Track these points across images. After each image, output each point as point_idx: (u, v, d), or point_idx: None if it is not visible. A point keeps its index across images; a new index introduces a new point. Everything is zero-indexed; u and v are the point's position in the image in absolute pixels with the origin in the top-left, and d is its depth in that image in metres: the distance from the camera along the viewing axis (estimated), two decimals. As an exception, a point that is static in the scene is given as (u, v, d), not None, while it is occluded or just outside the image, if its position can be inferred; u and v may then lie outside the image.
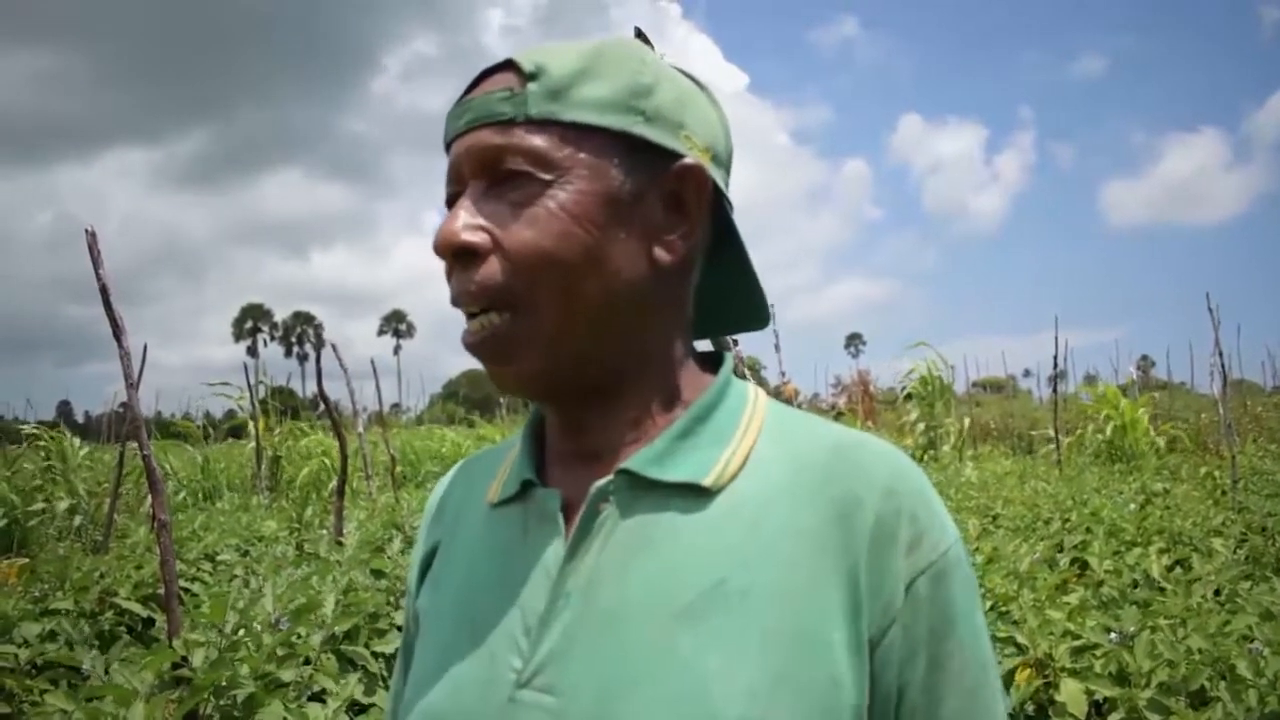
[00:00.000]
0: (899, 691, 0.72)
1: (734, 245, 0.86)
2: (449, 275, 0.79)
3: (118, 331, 3.17)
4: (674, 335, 0.83)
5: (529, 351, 0.77)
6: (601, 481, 0.78)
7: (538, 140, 0.75)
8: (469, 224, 0.76)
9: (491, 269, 0.76)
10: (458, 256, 0.77)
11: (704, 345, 0.91)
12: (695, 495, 0.76)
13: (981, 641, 0.76)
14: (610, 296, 0.77)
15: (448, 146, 0.81)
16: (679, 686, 0.69)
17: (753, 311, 0.91)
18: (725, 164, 0.84)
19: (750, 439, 0.80)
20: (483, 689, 0.75)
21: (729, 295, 0.90)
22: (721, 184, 0.82)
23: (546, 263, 0.75)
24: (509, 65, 0.78)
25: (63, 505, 10.04)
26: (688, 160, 0.79)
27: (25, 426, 12.41)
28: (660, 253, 0.79)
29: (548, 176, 0.75)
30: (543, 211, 0.75)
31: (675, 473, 0.77)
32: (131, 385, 3.24)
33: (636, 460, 0.77)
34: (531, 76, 0.76)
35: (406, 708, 0.82)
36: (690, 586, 0.73)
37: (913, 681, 0.73)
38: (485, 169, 0.77)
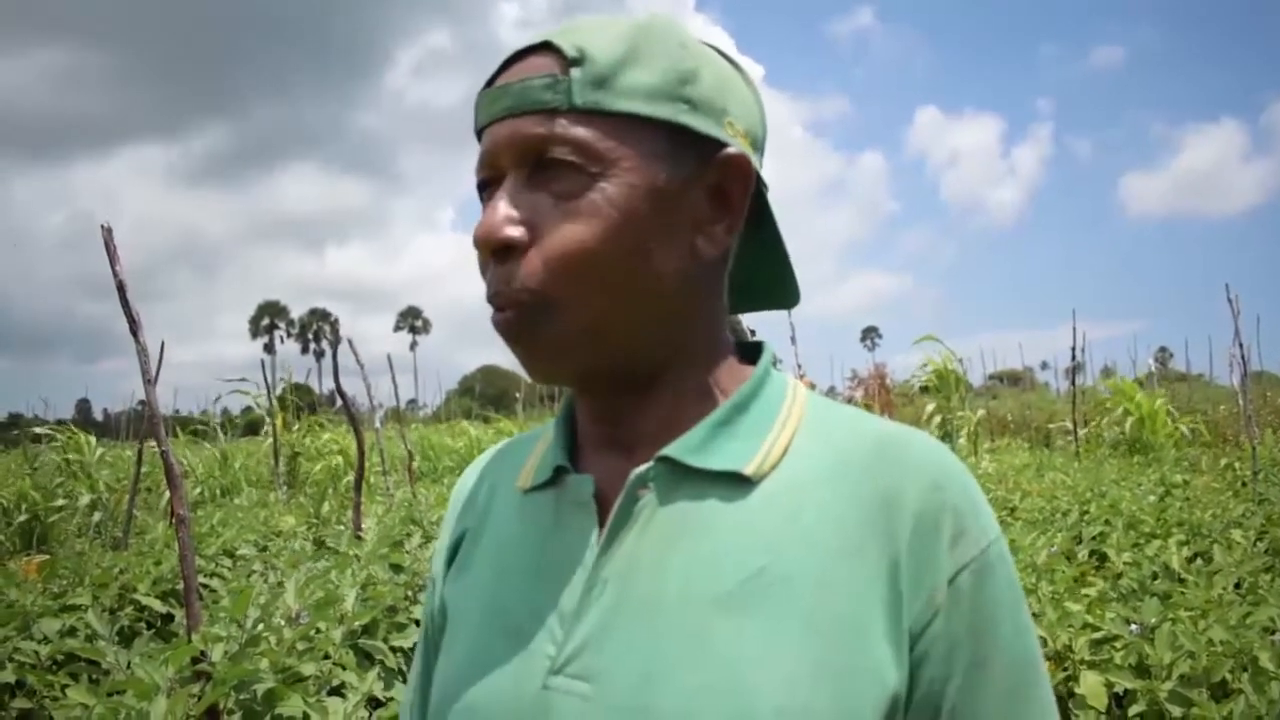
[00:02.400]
0: (940, 687, 0.71)
1: (767, 225, 0.84)
2: (484, 269, 0.77)
3: (135, 328, 3.18)
4: (713, 324, 0.82)
5: (567, 348, 0.76)
6: (641, 468, 0.77)
7: (584, 131, 0.73)
8: (510, 217, 0.74)
9: (531, 266, 0.74)
10: (496, 252, 0.75)
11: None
12: (735, 484, 0.75)
13: (1026, 641, 0.75)
14: (654, 291, 0.75)
15: (480, 131, 0.78)
16: (716, 675, 0.69)
17: (783, 290, 0.89)
18: (761, 147, 0.82)
19: (790, 429, 0.78)
20: (517, 675, 0.75)
21: (760, 274, 0.88)
22: (759, 167, 0.81)
23: (591, 260, 0.73)
24: (547, 47, 0.75)
25: (83, 502, 10.10)
26: (731, 150, 0.77)
27: (39, 428, 12.45)
28: (703, 244, 0.77)
29: (594, 169, 0.73)
30: (589, 206, 0.73)
31: (716, 461, 0.76)
32: (149, 381, 3.25)
33: (677, 447, 0.76)
34: (574, 62, 0.73)
35: (440, 696, 0.81)
36: (729, 575, 0.72)
37: (953, 678, 0.71)
38: (526, 159, 0.75)
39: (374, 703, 3.03)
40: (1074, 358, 12.96)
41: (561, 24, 0.77)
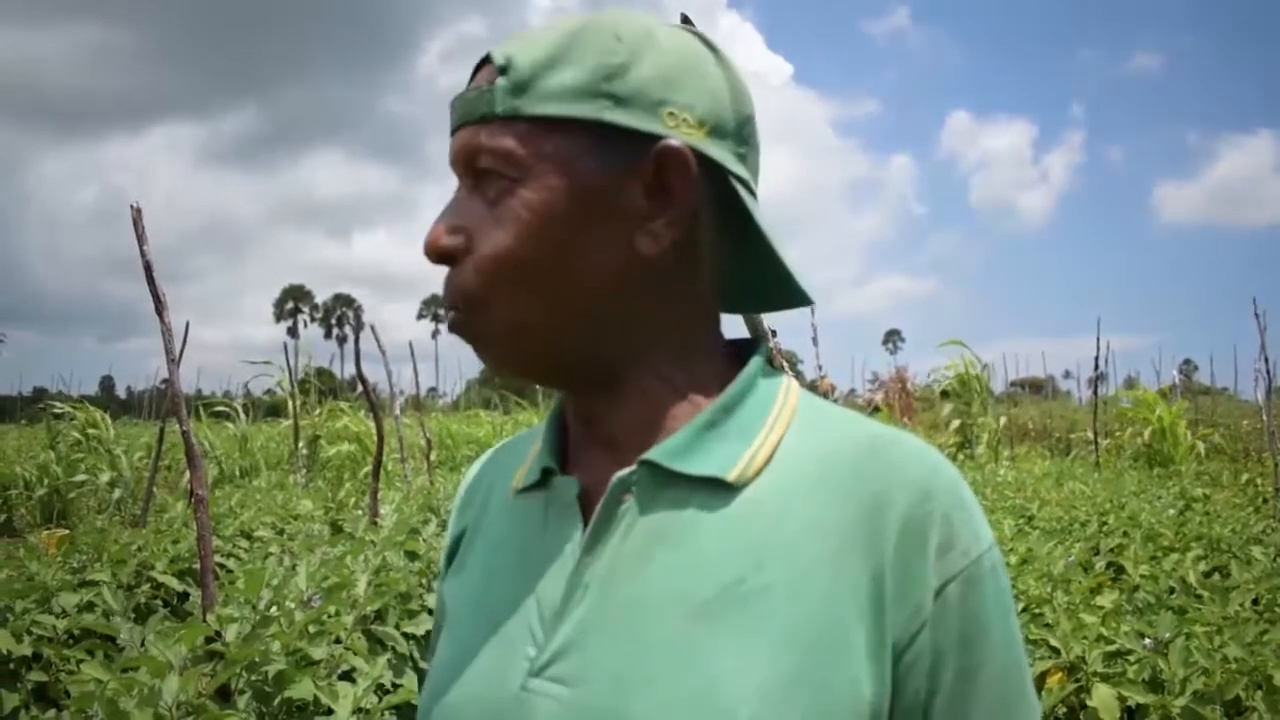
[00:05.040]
0: (926, 700, 0.70)
1: (753, 223, 0.80)
2: None
3: (160, 307, 3.20)
4: (679, 324, 0.80)
5: (500, 342, 0.78)
6: (624, 472, 0.76)
7: (504, 138, 0.74)
8: (449, 227, 0.77)
9: (465, 272, 0.77)
10: (440, 261, 0.78)
11: (741, 332, 0.89)
12: (718, 490, 0.75)
13: (1014, 652, 0.74)
14: (586, 289, 0.75)
15: None
16: (692, 684, 0.68)
17: (789, 290, 0.85)
18: (734, 134, 0.79)
19: (778, 432, 0.77)
20: (497, 677, 0.75)
21: (762, 273, 0.85)
22: (724, 158, 0.77)
23: (513, 263, 0.75)
24: (488, 59, 0.77)
25: (103, 478, 10.19)
26: (669, 142, 0.75)
27: (58, 404, 12.59)
28: (643, 241, 0.76)
29: (514, 174, 0.74)
30: (509, 212, 0.75)
31: (699, 466, 0.75)
32: (173, 361, 3.27)
33: (659, 451, 0.75)
34: (501, 71, 0.75)
35: (427, 692, 0.82)
36: (709, 583, 0.71)
37: (940, 690, 0.70)
38: (468, 168, 0.77)
39: (384, 689, 3.05)
40: (1097, 367, 12.89)
41: (510, 37, 0.79)
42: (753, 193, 0.81)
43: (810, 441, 0.77)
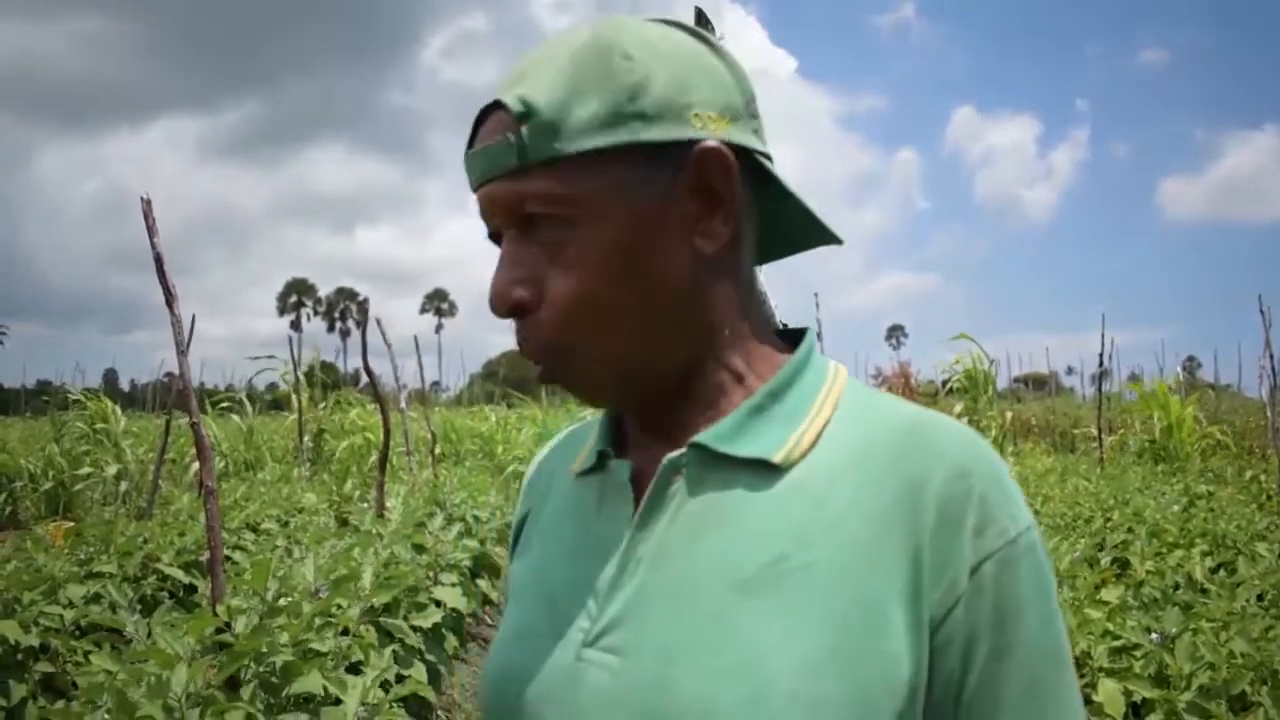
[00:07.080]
0: (960, 677, 0.72)
1: (775, 183, 0.83)
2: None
3: (170, 299, 3.21)
4: (736, 313, 0.82)
5: (600, 381, 0.80)
6: (674, 454, 0.79)
7: (549, 183, 0.75)
8: (514, 279, 0.78)
9: (540, 324, 0.78)
10: (511, 315, 0.79)
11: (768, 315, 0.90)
12: (765, 471, 0.77)
13: (1051, 634, 0.74)
14: (664, 305, 0.78)
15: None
16: (736, 657, 0.70)
17: (817, 230, 0.87)
18: (746, 113, 0.80)
19: (825, 416, 0.79)
20: (555, 648, 0.79)
21: (790, 221, 0.87)
22: (747, 139, 0.79)
23: (592, 304, 0.76)
24: (498, 106, 0.76)
25: (110, 471, 10.21)
26: (706, 144, 0.76)
27: (71, 393, 12.63)
28: (703, 242, 0.78)
29: (569, 214, 0.75)
30: (575, 253, 0.76)
31: (746, 448, 0.77)
32: (182, 351, 3.28)
33: (708, 435, 0.78)
34: (522, 117, 0.74)
35: (488, 664, 0.86)
36: (753, 561, 0.74)
37: (973, 668, 0.72)
38: (511, 218, 0.78)
39: (389, 682, 3.05)
40: (1101, 363, 12.87)
41: (512, 70, 0.79)
42: (769, 159, 0.83)
43: (855, 425, 0.79)
